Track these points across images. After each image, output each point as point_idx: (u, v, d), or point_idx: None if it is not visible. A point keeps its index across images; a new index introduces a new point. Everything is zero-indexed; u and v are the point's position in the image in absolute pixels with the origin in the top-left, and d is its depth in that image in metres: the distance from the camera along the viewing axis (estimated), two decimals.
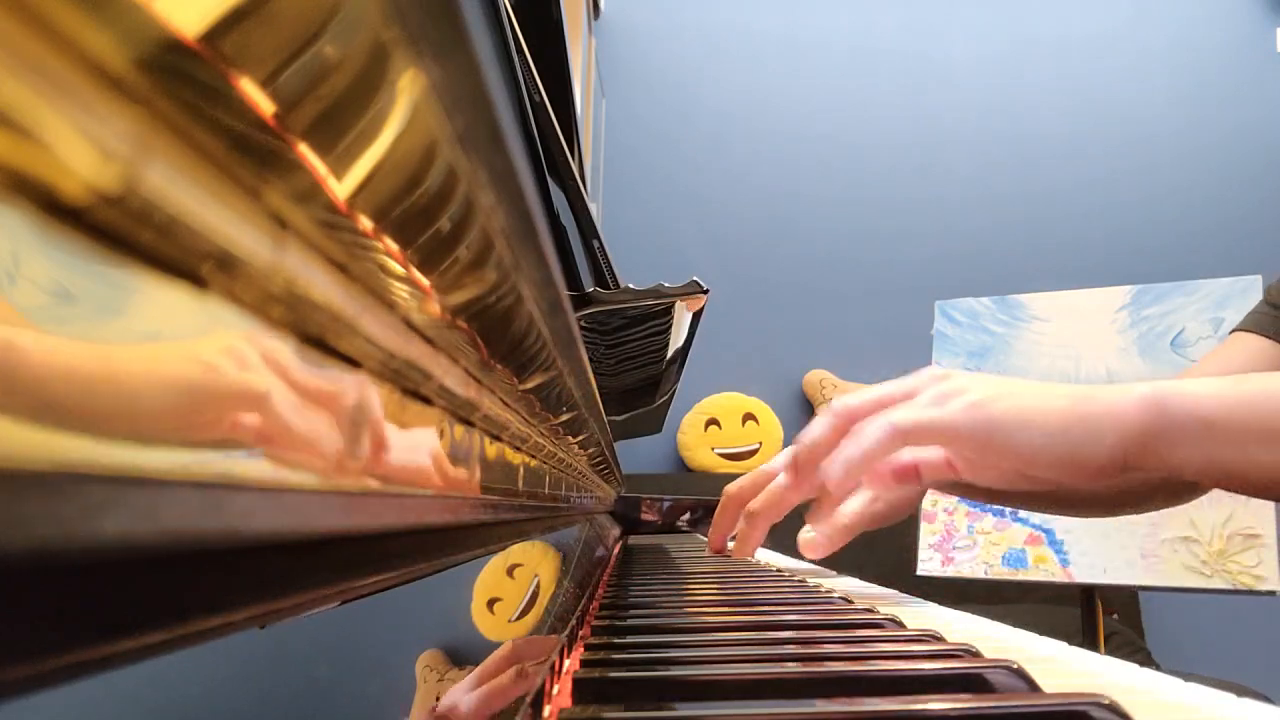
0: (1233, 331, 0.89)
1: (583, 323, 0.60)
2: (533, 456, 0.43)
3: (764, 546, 1.16)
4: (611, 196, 2.47)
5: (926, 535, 1.46)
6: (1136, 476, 0.58)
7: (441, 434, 0.24)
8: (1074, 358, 1.46)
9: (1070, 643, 0.41)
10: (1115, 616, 1.95)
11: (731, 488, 0.77)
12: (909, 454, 0.61)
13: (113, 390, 0.09)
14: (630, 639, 0.40)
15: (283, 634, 0.15)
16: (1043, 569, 1.39)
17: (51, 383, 0.08)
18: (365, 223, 0.14)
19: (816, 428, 0.61)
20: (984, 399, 0.56)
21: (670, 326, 0.74)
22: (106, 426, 0.09)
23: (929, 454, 0.62)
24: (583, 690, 0.30)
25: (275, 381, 0.13)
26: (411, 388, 0.21)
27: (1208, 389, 0.54)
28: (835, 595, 0.58)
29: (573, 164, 0.78)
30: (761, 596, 0.59)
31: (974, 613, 0.53)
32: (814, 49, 2.62)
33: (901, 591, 0.68)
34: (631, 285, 0.63)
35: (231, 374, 0.12)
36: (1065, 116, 2.60)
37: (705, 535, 1.42)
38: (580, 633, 0.43)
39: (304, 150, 0.12)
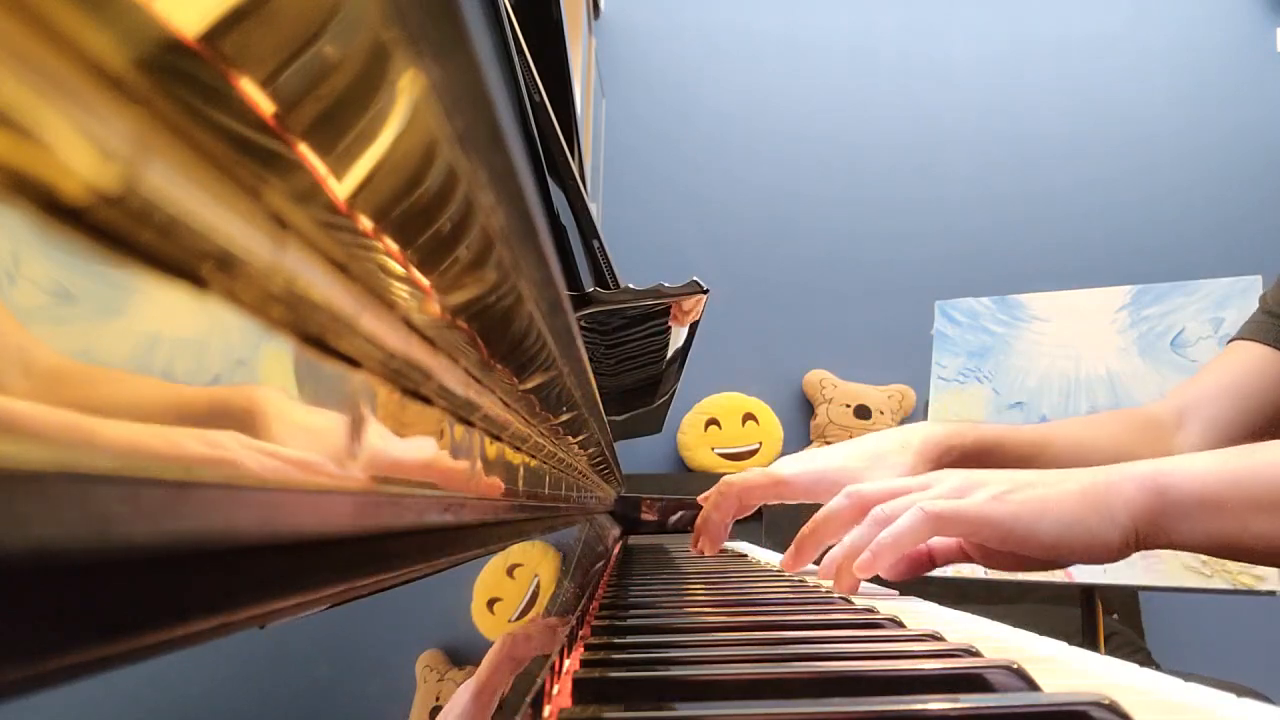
0: (1231, 340, 0.90)
1: (583, 323, 0.60)
2: (533, 456, 0.43)
3: (765, 547, 1.16)
4: (611, 196, 2.47)
5: None
6: None
7: (441, 434, 0.24)
8: (1074, 358, 1.46)
9: (1070, 643, 0.41)
10: (1115, 616, 1.95)
11: (735, 480, 0.79)
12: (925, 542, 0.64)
13: (113, 391, 0.09)
14: (630, 639, 0.40)
15: (283, 634, 0.15)
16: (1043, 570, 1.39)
17: (53, 383, 0.08)
18: (365, 223, 0.14)
19: (833, 507, 0.66)
20: (1004, 491, 0.59)
21: (670, 326, 0.74)
22: (107, 427, 0.09)
23: (943, 541, 0.65)
24: (583, 690, 0.30)
25: (275, 382, 0.13)
26: (411, 388, 0.21)
27: (1205, 465, 0.58)
28: (835, 595, 0.58)
29: (573, 164, 0.78)
30: (761, 596, 0.59)
31: (974, 613, 0.53)
32: (814, 49, 2.62)
33: (901, 591, 0.68)
34: (631, 285, 0.63)
35: (232, 374, 0.12)
36: (1065, 116, 2.60)
37: None
38: (580, 633, 0.43)
39: (304, 150, 0.12)
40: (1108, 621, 1.66)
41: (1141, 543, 0.58)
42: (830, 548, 0.66)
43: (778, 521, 1.17)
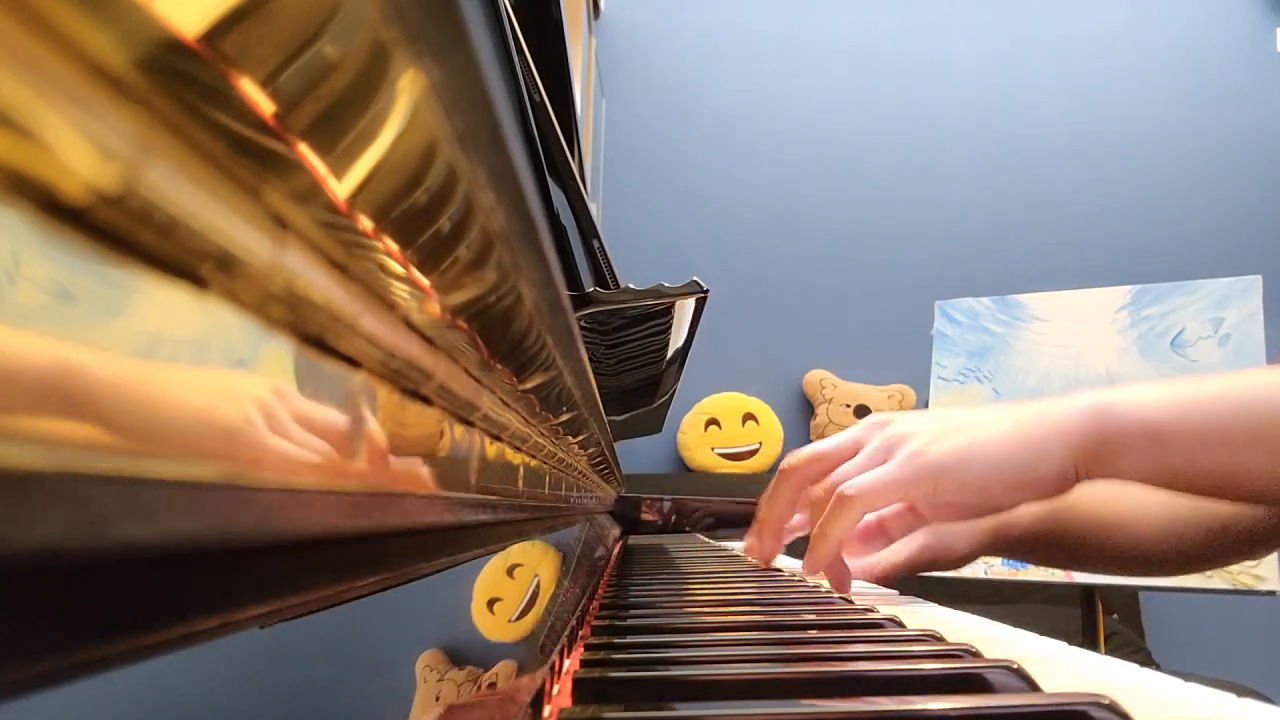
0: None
1: (583, 323, 0.60)
2: (533, 456, 0.43)
3: None
4: (611, 196, 2.47)
5: None
6: (1198, 537, 0.59)
7: (441, 434, 0.24)
8: (1074, 358, 1.46)
9: (1070, 643, 0.41)
10: (1115, 616, 1.95)
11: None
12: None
13: (113, 391, 0.09)
14: (630, 639, 0.40)
15: (283, 634, 0.15)
16: (1043, 569, 1.39)
17: (55, 384, 0.08)
18: (365, 223, 0.14)
19: (771, 490, 0.66)
20: (923, 445, 0.57)
21: (670, 326, 0.74)
22: (107, 427, 0.09)
23: (890, 509, 0.65)
24: (583, 690, 0.30)
25: (275, 382, 0.13)
26: (411, 388, 0.21)
27: (1152, 395, 0.55)
28: (835, 595, 0.58)
29: (573, 164, 0.78)
30: (761, 596, 0.59)
31: (974, 613, 0.53)
32: (814, 49, 2.63)
33: (901, 591, 0.68)
34: (631, 285, 0.63)
35: (232, 375, 0.12)
36: (1065, 116, 2.61)
37: (706, 537, 1.41)
38: (580, 633, 0.43)
39: (304, 150, 0.12)
40: (1108, 621, 1.66)
41: (1081, 475, 0.55)
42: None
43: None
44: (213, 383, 0.11)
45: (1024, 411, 0.58)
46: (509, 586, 0.36)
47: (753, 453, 2.36)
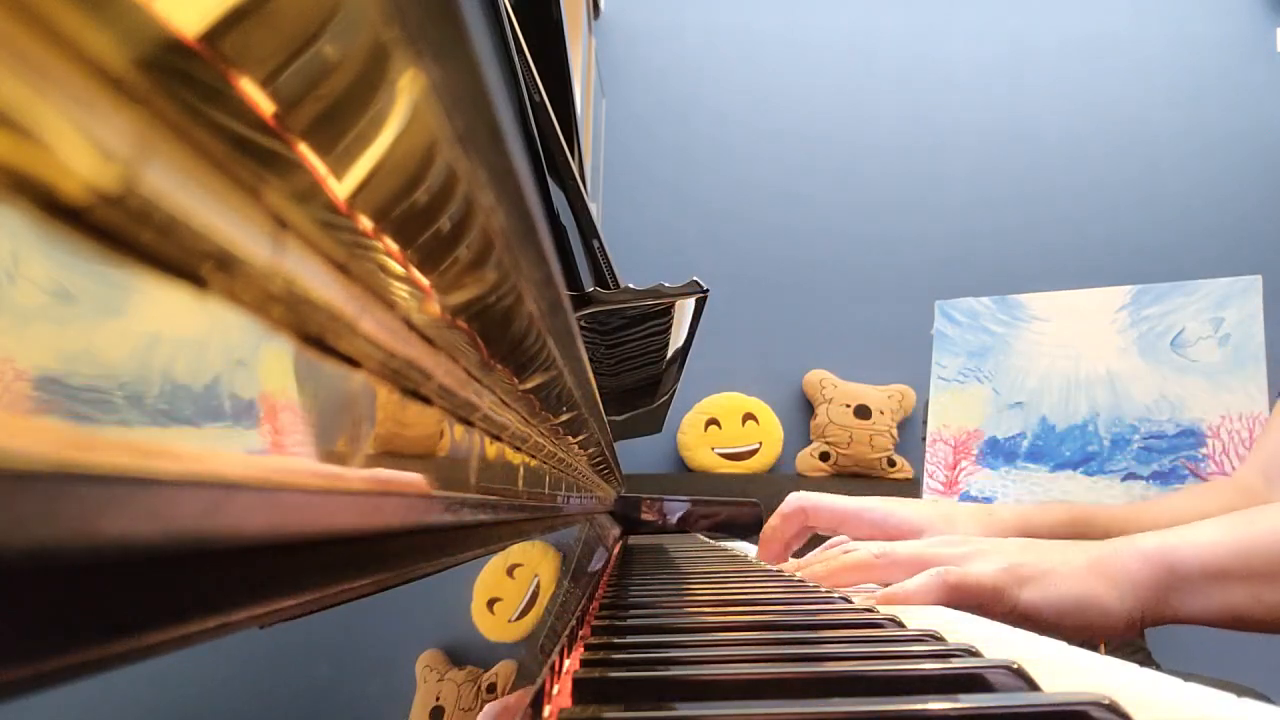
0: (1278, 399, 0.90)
1: (583, 323, 0.60)
2: (533, 456, 0.43)
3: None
4: (611, 196, 2.47)
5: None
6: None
7: (441, 434, 0.24)
8: (1074, 358, 1.46)
9: (1070, 643, 0.41)
10: None
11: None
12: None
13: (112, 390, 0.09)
14: (630, 639, 0.40)
15: (283, 634, 0.15)
16: None
17: (51, 383, 0.08)
18: (365, 223, 0.14)
19: (862, 555, 0.66)
20: (1016, 559, 0.59)
21: (670, 326, 0.74)
22: (106, 427, 0.09)
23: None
24: (583, 690, 0.30)
25: (275, 382, 0.13)
26: (411, 388, 0.21)
27: (1212, 536, 0.56)
28: (835, 595, 0.58)
29: (573, 164, 0.78)
30: (761, 596, 0.59)
31: (974, 613, 0.53)
32: (814, 49, 2.62)
33: None
34: (631, 285, 0.63)
35: (232, 374, 0.12)
36: (1065, 116, 2.61)
37: (705, 536, 1.41)
38: (580, 633, 0.43)
39: (304, 150, 0.12)
40: None
41: (1146, 620, 0.57)
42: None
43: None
44: (212, 383, 0.11)
45: (1095, 550, 0.59)
46: (509, 586, 0.36)
47: (753, 453, 2.36)
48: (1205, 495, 0.87)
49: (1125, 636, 0.58)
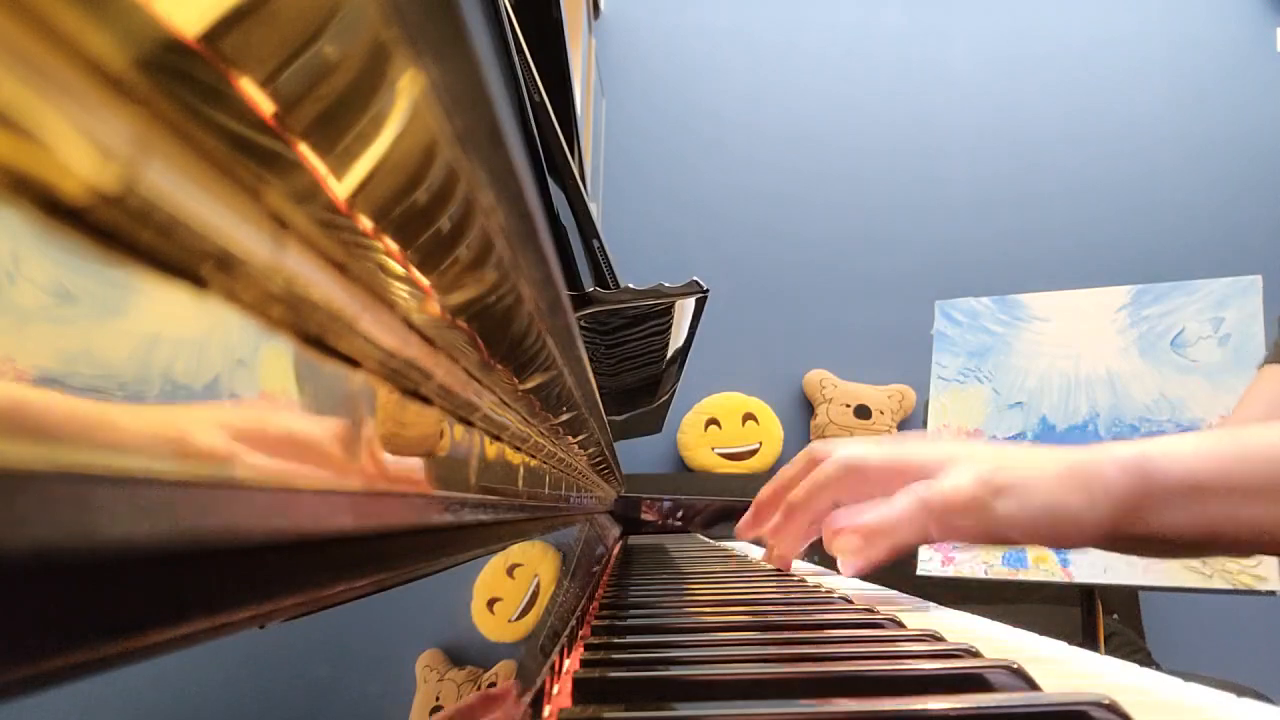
0: (1261, 366, 0.89)
1: (583, 323, 0.60)
2: (533, 456, 0.43)
3: (761, 545, 1.16)
4: (611, 196, 2.47)
5: None
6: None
7: (441, 434, 0.24)
8: (1074, 358, 1.46)
9: (1070, 643, 0.41)
10: (1115, 616, 1.95)
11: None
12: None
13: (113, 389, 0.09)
14: (630, 639, 0.40)
15: (283, 634, 0.15)
16: (1043, 569, 1.39)
17: (51, 383, 0.08)
18: (365, 223, 0.14)
19: (826, 469, 0.61)
20: (990, 470, 0.56)
21: (670, 326, 0.74)
22: (106, 427, 0.09)
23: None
24: (583, 690, 0.30)
25: (275, 382, 0.13)
26: (411, 388, 0.21)
27: (1192, 448, 0.54)
28: (835, 595, 0.58)
29: (573, 164, 0.78)
30: (761, 596, 0.59)
31: (974, 613, 0.53)
32: (814, 49, 2.63)
33: (901, 591, 0.68)
34: (631, 285, 0.63)
35: (232, 374, 0.12)
36: (1065, 116, 2.61)
37: (707, 536, 1.41)
38: (580, 633, 0.43)
39: (304, 150, 0.12)
40: (1108, 621, 1.66)
41: (1117, 530, 0.55)
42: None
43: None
44: (212, 383, 0.11)
45: (1071, 457, 0.57)
46: (509, 586, 0.36)
47: (753, 453, 2.36)
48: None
49: (1097, 546, 0.56)
